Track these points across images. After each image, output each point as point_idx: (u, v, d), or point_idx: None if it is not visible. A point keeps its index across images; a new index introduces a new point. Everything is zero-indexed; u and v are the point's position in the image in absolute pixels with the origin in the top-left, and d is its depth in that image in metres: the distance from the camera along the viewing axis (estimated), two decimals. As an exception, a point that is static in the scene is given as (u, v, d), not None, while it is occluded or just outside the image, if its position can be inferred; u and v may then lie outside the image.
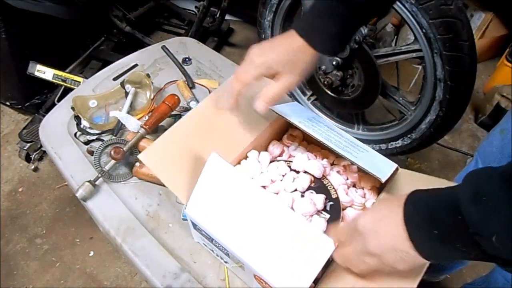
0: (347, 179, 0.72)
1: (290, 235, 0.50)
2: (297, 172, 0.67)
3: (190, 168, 0.62)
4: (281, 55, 0.55)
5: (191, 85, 1.02)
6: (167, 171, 0.60)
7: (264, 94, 0.57)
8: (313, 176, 0.66)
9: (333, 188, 0.66)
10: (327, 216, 0.62)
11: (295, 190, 0.65)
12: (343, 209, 0.64)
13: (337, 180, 0.69)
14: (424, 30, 0.98)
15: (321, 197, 0.63)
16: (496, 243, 0.34)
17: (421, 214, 0.40)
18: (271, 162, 0.70)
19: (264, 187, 0.66)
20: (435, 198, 0.41)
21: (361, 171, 0.71)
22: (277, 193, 0.65)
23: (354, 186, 0.71)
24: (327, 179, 0.67)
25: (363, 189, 0.70)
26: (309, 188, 0.66)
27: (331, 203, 0.64)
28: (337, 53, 0.55)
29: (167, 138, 0.62)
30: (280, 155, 0.73)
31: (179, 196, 0.60)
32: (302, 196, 0.64)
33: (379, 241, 0.42)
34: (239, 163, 0.68)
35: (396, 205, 0.42)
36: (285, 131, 0.77)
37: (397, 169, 0.66)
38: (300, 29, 0.54)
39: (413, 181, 0.65)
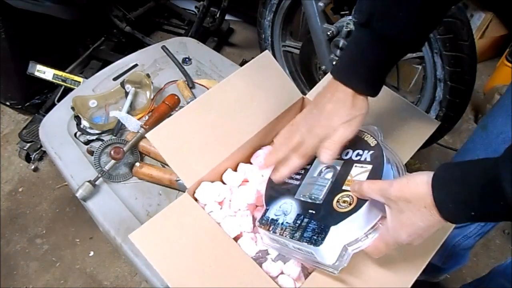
0: None
1: None
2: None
3: (197, 151, 0.63)
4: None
5: (191, 85, 1.02)
6: (173, 152, 0.61)
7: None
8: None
9: (371, 136, 0.57)
10: (369, 167, 0.53)
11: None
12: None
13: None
14: (424, 30, 0.98)
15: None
16: None
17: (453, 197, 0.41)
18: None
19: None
20: (471, 175, 0.40)
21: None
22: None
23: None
24: (361, 130, 0.58)
25: None
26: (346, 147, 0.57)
27: (372, 151, 0.54)
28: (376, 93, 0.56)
29: (177, 119, 0.63)
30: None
31: (182, 179, 0.61)
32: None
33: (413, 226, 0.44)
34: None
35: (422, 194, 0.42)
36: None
37: None
38: (339, 75, 0.55)
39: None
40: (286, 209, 0.56)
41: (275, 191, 0.60)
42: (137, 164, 0.83)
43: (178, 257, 0.54)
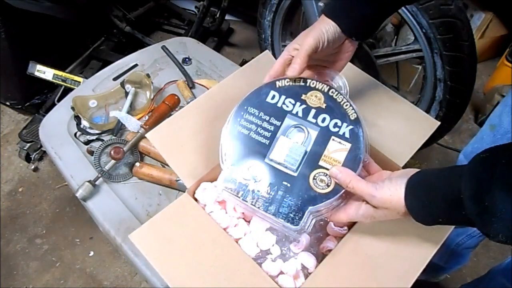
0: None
1: None
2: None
3: (197, 151, 0.63)
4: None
5: (191, 85, 1.02)
6: (173, 152, 0.62)
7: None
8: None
9: (351, 105, 0.54)
10: (347, 146, 0.52)
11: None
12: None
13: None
14: (424, 30, 0.98)
15: None
16: (501, 238, 0.37)
17: (421, 201, 0.44)
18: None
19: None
20: (437, 185, 0.42)
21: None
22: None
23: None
24: (340, 94, 0.55)
25: None
26: (317, 112, 0.55)
27: (351, 127, 0.53)
28: (367, 38, 0.55)
29: (177, 119, 0.64)
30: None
31: (182, 179, 0.62)
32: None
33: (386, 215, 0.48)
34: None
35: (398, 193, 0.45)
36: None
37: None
38: (330, 11, 0.53)
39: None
40: (256, 174, 0.54)
41: (241, 143, 0.55)
42: (137, 164, 0.83)
43: (178, 257, 0.55)
